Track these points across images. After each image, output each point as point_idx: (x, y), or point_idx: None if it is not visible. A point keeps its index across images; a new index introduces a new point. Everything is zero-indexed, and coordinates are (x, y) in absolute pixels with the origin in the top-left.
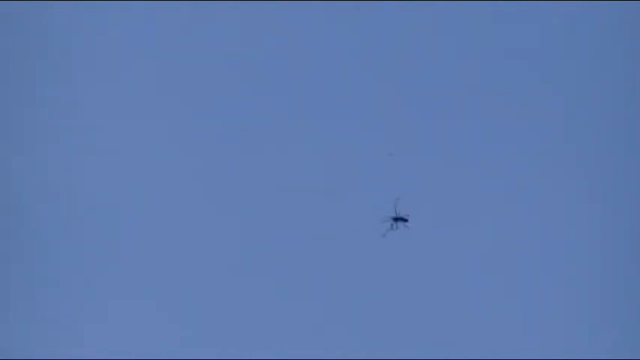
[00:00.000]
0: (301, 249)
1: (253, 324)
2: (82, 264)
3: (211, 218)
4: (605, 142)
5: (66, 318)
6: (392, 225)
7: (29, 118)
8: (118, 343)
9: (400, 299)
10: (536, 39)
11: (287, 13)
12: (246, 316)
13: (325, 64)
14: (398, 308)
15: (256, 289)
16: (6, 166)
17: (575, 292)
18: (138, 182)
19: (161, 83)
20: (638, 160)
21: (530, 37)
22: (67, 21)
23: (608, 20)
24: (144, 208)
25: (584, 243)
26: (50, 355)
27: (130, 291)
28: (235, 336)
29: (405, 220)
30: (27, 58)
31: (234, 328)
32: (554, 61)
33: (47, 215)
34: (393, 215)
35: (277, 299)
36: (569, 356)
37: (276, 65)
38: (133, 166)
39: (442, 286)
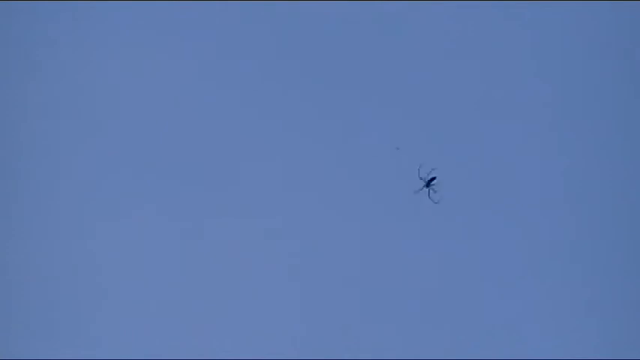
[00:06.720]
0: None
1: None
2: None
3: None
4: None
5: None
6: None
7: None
8: (119, 343)
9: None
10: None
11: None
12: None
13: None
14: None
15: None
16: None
17: (573, 290)
18: (138, 183)
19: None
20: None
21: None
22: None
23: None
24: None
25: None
26: (50, 355)
27: (131, 289)
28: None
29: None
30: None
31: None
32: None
33: (46, 212)
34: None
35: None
36: (569, 356)
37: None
38: (133, 167)
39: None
